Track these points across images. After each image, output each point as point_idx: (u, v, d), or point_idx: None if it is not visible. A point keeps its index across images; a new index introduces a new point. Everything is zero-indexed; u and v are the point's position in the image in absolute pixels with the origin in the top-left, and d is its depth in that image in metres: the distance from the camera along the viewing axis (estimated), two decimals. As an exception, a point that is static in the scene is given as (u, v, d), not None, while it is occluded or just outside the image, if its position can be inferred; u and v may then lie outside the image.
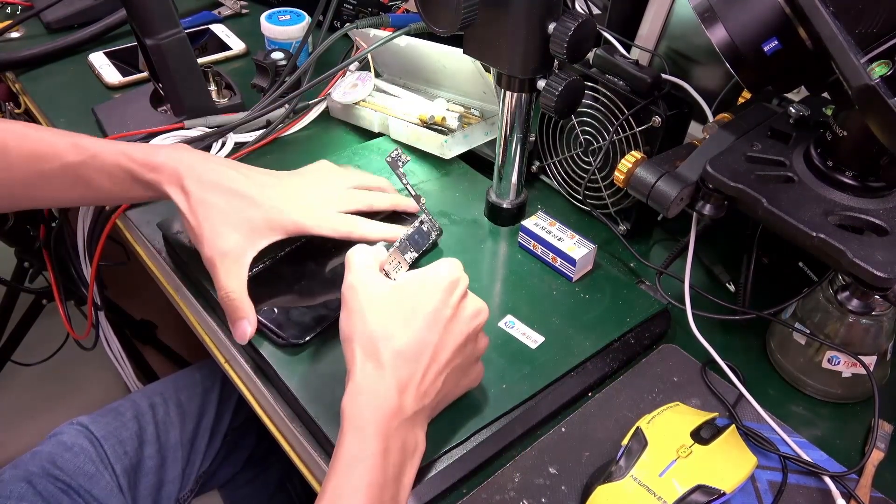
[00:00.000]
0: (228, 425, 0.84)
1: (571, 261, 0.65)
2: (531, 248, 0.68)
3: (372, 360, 0.48)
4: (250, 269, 0.58)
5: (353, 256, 0.53)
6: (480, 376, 0.55)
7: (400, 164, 0.63)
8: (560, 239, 0.66)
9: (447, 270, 0.51)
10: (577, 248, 0.65)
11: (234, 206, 0.59)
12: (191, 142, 0.78)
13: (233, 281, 0.58)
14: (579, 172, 0.74)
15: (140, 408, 0.77)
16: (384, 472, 0.45)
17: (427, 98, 0.83)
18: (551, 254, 0.67)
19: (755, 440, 0.54)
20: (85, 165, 0.61)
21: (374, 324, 0.49)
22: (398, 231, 0.63)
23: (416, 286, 0.50)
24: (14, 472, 0.68)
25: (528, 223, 0.68)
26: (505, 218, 0.72)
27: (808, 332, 0.57)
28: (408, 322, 0.49)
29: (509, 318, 0.62)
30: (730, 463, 0.50)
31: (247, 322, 0.58)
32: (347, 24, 0.86)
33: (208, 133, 0.79)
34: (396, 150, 0.63)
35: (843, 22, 0.44)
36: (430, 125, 0.79)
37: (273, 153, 0.80)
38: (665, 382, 0.59)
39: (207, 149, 0.79)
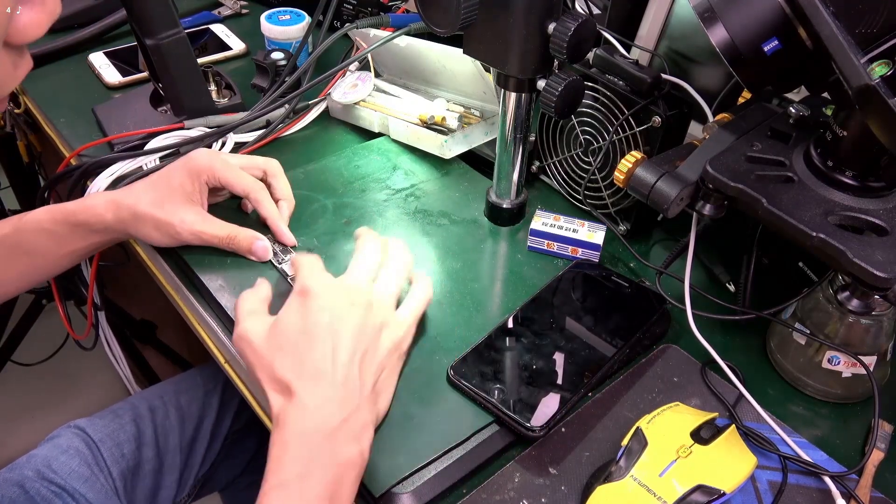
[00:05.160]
0: (230, 428, 0.83)
1: (596, 247, 0.67)
2: (545, 248, 0.69)
3: (284, 394, 0.48)
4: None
5: (239, 304, 0.54)
6: (409, 329, 0.56)
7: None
8: (574, 230, 0.67)
9: (299, 279, 0.52)
10: (594, 233, 0.67)
11: (159, 188, 0.65)
12: (191, 142, 0.78)
13: (220, 228, 0.65)
14: (579, 172, 0.74)
15: (139, 410, 0.77)
16: (308, 494, 0.45)
17: (427, 98, 0.83)
18: (571, 247, 0.68)
19: (755, 440, 0.54)
20: (17, 230, 0.65)
21: (272, 365, 0.49)
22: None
23: (291, 311, 0.51)
24: (9, 475, 0.68)
25: (535, 225, 0.68)
26: (505, 218, 0.72)
27: (808, 332, 0.57)
28: (297, 346, 0.49)
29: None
30: (730, 463, 0.50)
31: (259, 242, 0.65)
32: (347, 24, 0.86)
33: (208, 133, 0.79)
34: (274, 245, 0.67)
35: (843, 22, 0.44)
36: (430, 125, 0.79)
37: (273, 153, 0.80)
38: (665, 382, 0.59)
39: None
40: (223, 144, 0.79)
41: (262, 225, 0.69)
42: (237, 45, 1.01)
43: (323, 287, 0.52)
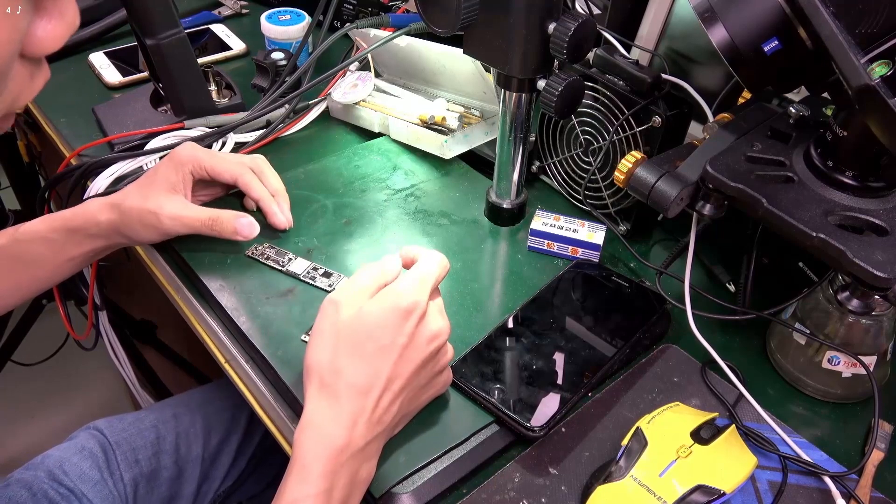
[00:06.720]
0: (258, 444, 0.80)
1: (595, 247, 0.67)
2: (545, 248, 0.69)
3: (326, 391, 0.48)
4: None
5: (361, 273, 0.52)
6: (447, 383, 0.55)
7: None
8: (574, 230, 0.68)
9: (405, 291, 0.49)
10: (594, 233, 0.67)
11: (144, 184, 0.65)
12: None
13: (202, 211, 0.65)
14: (579, 172, 0.74)
15: (162, 416, 0.76)
16: None
17: (427, 98, 0.83)
18: (571, 247, 0.68)
19: (755, 440, 0.54)
20: (15, 241, 0.65)
21: (334, 353, 0.48)
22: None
23: (376, 311, 0.49)
24: (23, 475, 0.67)
25: (536, 225, 0.68)
26: (505, 218, 0.72)
27: (808, 332, 0.57)
28: (362, 353, 0.48)
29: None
30: (730, 463, 0.50)
31: (242, 219, 0.65)
32: (347, 24, 0.86)
33: (208, 133, 0.79)
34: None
35: (843, 22, 0.44)
36: (430, 125, 0.79)
37: (273, 153, 0.80)
38: (665, 382, 0.59)
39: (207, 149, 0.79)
40: (223, 144, 0.79)
41: (268, 227, 0.69)
42: (237, 45, 1.01)
43: (421, 310, 0.49)
